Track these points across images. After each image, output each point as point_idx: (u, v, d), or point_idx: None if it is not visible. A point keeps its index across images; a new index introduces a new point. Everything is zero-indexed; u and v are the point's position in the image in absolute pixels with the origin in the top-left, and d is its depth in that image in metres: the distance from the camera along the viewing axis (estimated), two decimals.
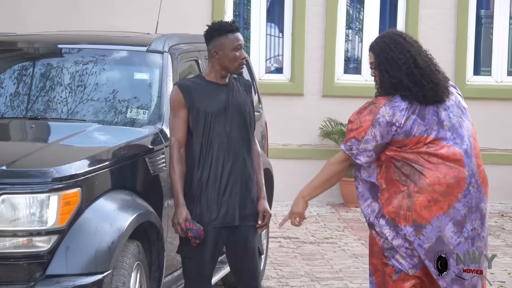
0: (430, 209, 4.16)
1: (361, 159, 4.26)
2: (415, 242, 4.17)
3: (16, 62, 5.80)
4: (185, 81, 4.77)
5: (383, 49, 4.35)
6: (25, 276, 4.18)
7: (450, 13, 10.21)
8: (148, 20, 7.30)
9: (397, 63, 4.29)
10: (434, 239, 4.18)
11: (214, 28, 4.67)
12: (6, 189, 4.16)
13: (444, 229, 4.18)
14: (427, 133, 4.24)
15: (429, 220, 4.16)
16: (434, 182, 4.17)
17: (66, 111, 5.29)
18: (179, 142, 4.60)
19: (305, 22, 10.10)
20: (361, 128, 4.24)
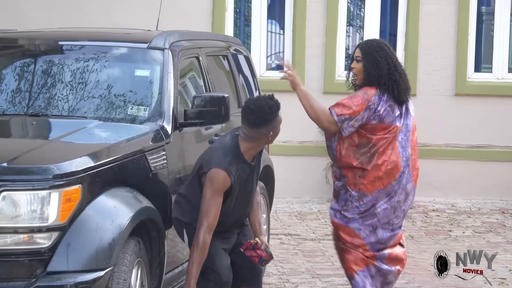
0: (374, 184, 5.32)
1: (346, 132, 5.29)
2: (354, 204, 5.37)
3: (17, 59, 5.80)
4: (232, 167, 4.75)
5: (371, 50, 5.35)
6: (26, 272, 4.18)
7: (451, 10, 10.20)
8: (148, 17, 7.31)
9: (381, 63, 5.33)
10: (370, 205, 5.36)
11: (271, 111, 4.73)
12: (7, 186, 4.16)
13: (379, 199, 5.36)
14: (393, 123, 5.34)
15: (371, 192, 5.33)
16: (382, 164, 5.32)
17: (67, 108, 5.29)
18: (211, 226, 4.71)
19: (306, 19, 10.10)
20: (356, 111, 5.25)
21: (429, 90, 10.22)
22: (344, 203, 5.40)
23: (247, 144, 4.77)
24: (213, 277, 4.75)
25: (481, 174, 10.19)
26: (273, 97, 4.78)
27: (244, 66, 7.07)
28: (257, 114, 4.69)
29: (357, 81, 5.41)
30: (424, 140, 10.21)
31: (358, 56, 5.35)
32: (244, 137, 4.77)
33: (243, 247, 4.95)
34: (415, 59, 10.20)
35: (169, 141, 5.12)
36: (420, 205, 9.80)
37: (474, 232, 8.62)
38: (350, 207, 5.38)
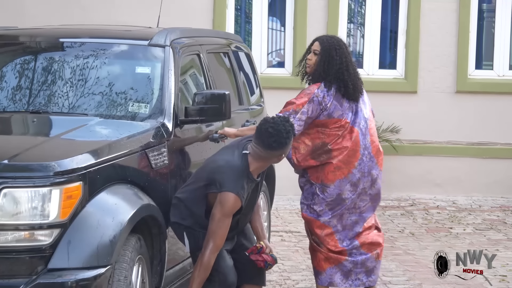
0: (335, 173, 5.50)
1: (296, 127, 5.32)
2: (320, 196, 5.53)
3: (17, 56, 5.79)
4: (243, 190, 4.77)
5: (331, 47, 5.56)
6: (27, 269, 4.18)
7: (452, 7, 10.20)
8: (149, 14, 7.31)
9: (334, 61, 5.52)
10: (335, 195, 5.53)
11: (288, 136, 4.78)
12: (8, 183, 4.16)
13: (342, 188, 5.53)
14: (343, 117, 5.52)
15: (333, 181, 5.51)
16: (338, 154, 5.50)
17: (68, 105, 5.29)
18: (217, 247, 4.74)
19: (307, 16, 10.09)
20: (299, 104, 5.43)
21: (430, 87, 10.22)
22: (312, 197, 5.58)
23: (256, 163, 4.82)
24: (218, 278, 4.75)
25: (482, 171, 10.19)
26: (288, 120, 4.85)
27: (245, 63, 7.07)
28: (274, 137, 4.73)
29: (308, 70, 5.63)
30: (425, 137, 10.22)
31: (317, 50, 5.55)
32: (255, 156, 4.80)
33: (248, 251, 4.97)
34: (416, 56, 10.19)
35: (170, 138, 5.12)
36: (421, 202, 9.80)
37: (475, 229, 8.62)
38: (317, 200, 5.55)
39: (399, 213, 9.29)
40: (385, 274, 6.87)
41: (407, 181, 10.11)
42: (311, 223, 5.62)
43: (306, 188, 5.63)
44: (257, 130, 4.82)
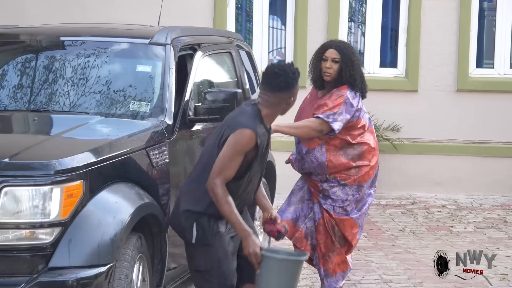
0: (369, 174, 5.71)
1: (336, 126, 5.49)
2: (355, 196, 5.68)
3: (18, 54, 5.80)
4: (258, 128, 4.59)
5: (349, 53, 5.63)
6: (28, 268, 4.18)
7: (453, 6, 10.19)
8: (149, 13, 7.31)
9: (357, 67, 5.64)
10: (363, 194, 5.73)
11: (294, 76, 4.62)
12: (9, 181, 4.16)
13: (370, 186, 5.76)
14: (363, 117, 5.68)
15: (367, 181, 5.71)
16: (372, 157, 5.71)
17: (69, 104, 5.29)
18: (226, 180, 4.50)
19: (308, 14, 10.09)
20: (335, 105, 5.52)
21: (431, 86, 10.22)
22: (345, 198, 5.65)
23: (266, 110, 4.60)
24: (217, 280, 4.60)
25: (482, 170, 10.18)
26: (293, 64, 4.69)
27: (246, 61, 7.06)
28: (282, 77, 4.55)
29: (328, 78, 5.60)
30: (426, 136, 10.21)
31: (336, 58, 5.58)
32: (265, 103, 4.60)
33: (263, 222, 4.87)
34: (417, 55, 10.19)
35: (170, 136, 5.12)
36: (422, 201, 9.80)
37: (475, 228, 8.62)
38: (351, 200, 5.66)
39: (399, 211, 9.29)
40: (385, 273, 6.87)
41: (407, 180, 10.11)
42: (344, 223, 5.67)
43: (335, 191, 5.64)
44: (263, 75, 4.64)
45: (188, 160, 5.37)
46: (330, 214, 5.67)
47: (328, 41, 5.79)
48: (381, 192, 9.88)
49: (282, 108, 4.64)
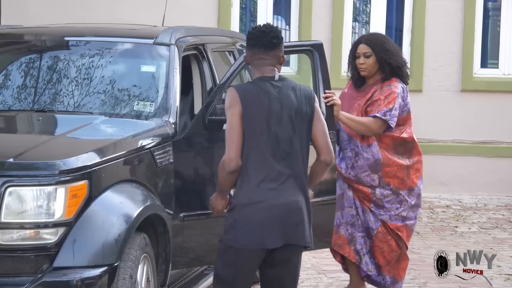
0: (417, 175, 5.66)
1: (393, 123, 5.43)
2: (408, 201, 5.60)
3: (23, 54, 5.80)
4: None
5: (381, 42, 5.54)
6: (32, 268, 4.18)
7: (457, 5, 10.18)
8: (153, 13, 7.31)
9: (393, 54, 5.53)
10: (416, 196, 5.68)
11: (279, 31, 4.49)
12: (14, 181, 4.16)
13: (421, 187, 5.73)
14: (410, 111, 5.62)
15: (416, 184, 5.66)
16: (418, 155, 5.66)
17: (73, 104, 5.29)
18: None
19: (312, 14, 10.09)
20: (390, 101, 5.43)
21: (435, 86, 10.21)
22: (399, 205, 5.63)
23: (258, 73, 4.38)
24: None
25: (487, 170, 10.17)
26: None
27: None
28: (271, 34, 4.38)
29: (365, 73, 5.57)
30: (430, 136, 10.20)
31: (368, 52, 5.54)
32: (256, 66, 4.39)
33: None
34: (421, 55, 10.18)
35: (175, 136, 5.11)
36: (426, 201, 9.79)
37: (480, 228, 8.61)
38: (406, 206, 5.63)
39: None
40: None
41: None
42: (403, 230, 5.65)
43: (389, 200, 5.60)
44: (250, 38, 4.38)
45: (196, 160, 5.33)
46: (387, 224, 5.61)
47: (359, 37, 5.76)
48: None
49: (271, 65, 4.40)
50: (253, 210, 4.22)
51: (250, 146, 4.23)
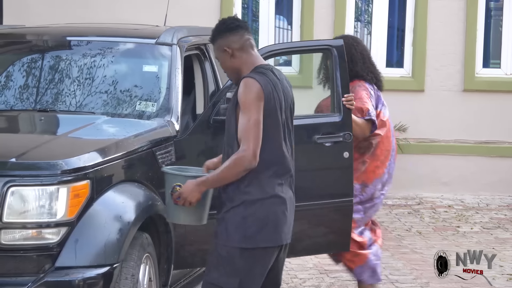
0: (374, 173, 5.58)
1: (373, 116, 5.49)
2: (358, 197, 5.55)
3: (24, 54, 5.80)
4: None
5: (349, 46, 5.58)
6: (34, 268, 4.18)
7: (459, 5, 10.17)
8: (154, 12, 7.31)
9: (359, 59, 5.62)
10: (370, 195, 5.61)
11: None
12: (16, 181, 4.16)
13: (376, 188, 5.61)
14: (384, 112, 5.64)
15: (372, 181, 5.60)
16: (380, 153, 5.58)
17: (75, 104, 5.29)
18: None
19: (314, 14, 10.08)
20: (367, 100, 5.50)
21: (437, 86, 10.20)
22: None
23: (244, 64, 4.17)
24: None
25: (489, 170, 10.16)
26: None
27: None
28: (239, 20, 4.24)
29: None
30: (432, 136, 10.20)
31: None
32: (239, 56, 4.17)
33: None
34: (423, 55, 10.17)
35: (177, 136, 5.11)
36: (428, 201, 9.78)
37: (482, 228, 8.60)
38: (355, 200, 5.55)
39: (406, 211, 9.28)
40: (392, 273, 6.86)
41: (414, 180, 10.08)
42: None
43: None
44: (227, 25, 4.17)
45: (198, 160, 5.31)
46: None
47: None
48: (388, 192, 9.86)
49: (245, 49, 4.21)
50: (268, 205, 4.06)
51: (265, 141, 4.06)
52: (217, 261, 4.10)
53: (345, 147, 5.32)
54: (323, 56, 5.73)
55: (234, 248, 4.05)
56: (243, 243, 4.04)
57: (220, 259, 4.09)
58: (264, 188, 4.07)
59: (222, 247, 4.09)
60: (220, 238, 4.11)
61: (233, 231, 4.06)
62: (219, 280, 4.07)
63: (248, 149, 4.00)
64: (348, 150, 5.32)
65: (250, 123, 4.01)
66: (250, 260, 4.05)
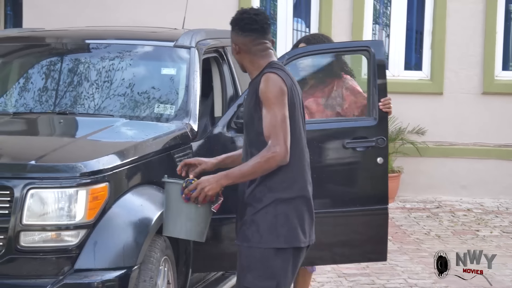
0: None
1: None
2: None
3: (44, 57, 5.82)
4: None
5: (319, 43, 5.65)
6: (54, 270, 4.19)
7: (479, 8, 10.13)
8: (174, 14, 7.31)
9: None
10: None
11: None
12: (35, 184, 4.17)
13: None
14: None
15: None
16: None
17: (94, 106, 5.31)
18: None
19: (332, 17, 10.07)
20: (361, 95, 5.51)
21: (456, 89, 10.16)
22: None
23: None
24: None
25: (509, 173, 10.10)
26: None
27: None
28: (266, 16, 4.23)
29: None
30: (451, 139, 10.15)
31: None
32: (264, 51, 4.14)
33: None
34: (442, 57, 10.13)
35: (195, 138, 5.11)
36: (447, 205, 9.74)
37: (502, 232, 8.55)
38: None
39: (425, 215, 9.24)
40: (410, 277, 6.83)
41: (433, 183, 10.04)
42: None
43: None
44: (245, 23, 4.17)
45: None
46: None
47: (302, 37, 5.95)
48: (406, 195, 9.83)
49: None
50: (297, 205, 3.99)
51: (291, 137, 3.98)
52: (251, 263, 3.98)
53: (379, 153, 5.19)
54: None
55: (269, 249, 3.95)
56: (277, 243, 3.95)
57: (254, 261, 3.97)
58: (293, 187, 4.00)
59: (255, 249, 3.98)
60: (252, 240, 3.98)
61: (266, 231, 3.96)
62: (255, 283, 3.97)
63: (279, 144, 3.91)
64: (382, 155, 5.16)
65: (277, 119, 3.93)
66: (285, 261, 3.97)
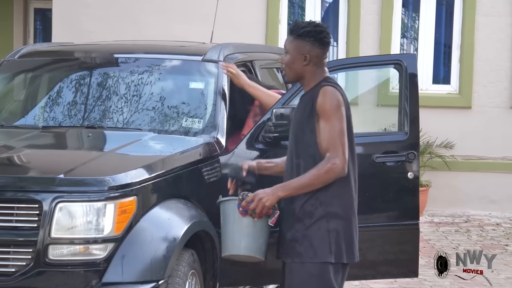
0: None
1: None
2: None
3: (73, 71, 5.86)
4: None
5: None
6: (82, 283, 4.21)
7: (507, 21, 10.07)
8: (203, 27, 7.36)
9: None
10: None
11: None
12: (64, 197, 4.20)
13: None
14: None
15: None
16: None
17: (122, 120, 5.34)
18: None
19: (360, 31, 10.06)
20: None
21: (485, 102, 10.10)
22: None
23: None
24: None
25: None
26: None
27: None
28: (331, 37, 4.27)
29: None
30: (480, 153, 10.08)
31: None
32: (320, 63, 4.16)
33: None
34: (471, 71, 10.08)
35: (223, 153, 5.11)
36: (476, 219, 9.66)
37: None
38: None
39: (453, 229, 9.18)
40: None
41: (461, 197, 9.98)
42: None
43: None
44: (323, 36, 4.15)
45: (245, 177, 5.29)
46: None
47: None
48: (435, 209, 9.77)
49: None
50: (347, 220, 3.99)
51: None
52: (305, 280, 3.94)
53: (409, 168, 5.18)
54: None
55: (323, 263, 3.94)
56: (332, 258, 3.95)
57: (309, 277, 3.94)
58: (344, 202, 4.00)
59: (309, 265, 3.95)
60: (305, 256, 3.96)
61: (319, 246, 3.95)
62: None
63: (339, 156, 3.92)
64: (412, 170, 5.14)
65: (336, 131, 3.95)
66: (339, 275, 3.98)
